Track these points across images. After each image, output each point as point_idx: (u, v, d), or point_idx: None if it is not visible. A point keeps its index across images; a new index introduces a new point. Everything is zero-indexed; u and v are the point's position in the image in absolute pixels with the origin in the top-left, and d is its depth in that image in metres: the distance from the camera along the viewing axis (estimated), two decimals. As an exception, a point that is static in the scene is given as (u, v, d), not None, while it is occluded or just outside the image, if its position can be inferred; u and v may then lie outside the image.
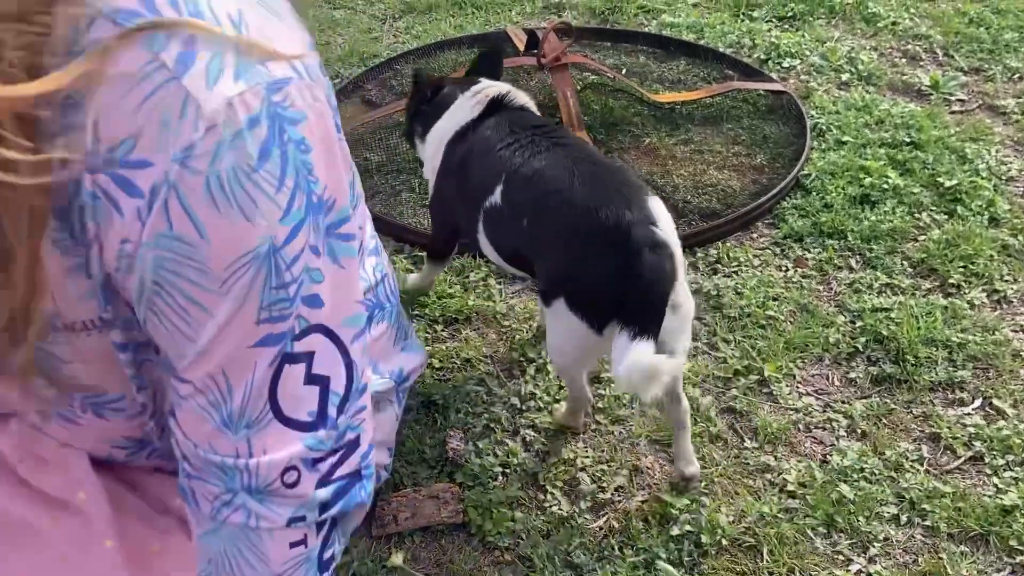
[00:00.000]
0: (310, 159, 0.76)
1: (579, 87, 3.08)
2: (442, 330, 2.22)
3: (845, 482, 1.82)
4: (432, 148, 2.00)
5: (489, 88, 1.96)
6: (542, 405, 2.00)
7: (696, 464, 1.82)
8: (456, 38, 3.51)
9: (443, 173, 1.97)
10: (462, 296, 2.30)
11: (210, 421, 0.82)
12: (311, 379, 0.85)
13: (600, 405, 1.99)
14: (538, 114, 1.98)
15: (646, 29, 3.59)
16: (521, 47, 3.25)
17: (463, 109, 1.94)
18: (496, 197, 1.75)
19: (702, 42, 3.44)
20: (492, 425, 1.96)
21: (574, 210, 1.58)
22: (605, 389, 2.03)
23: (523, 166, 1.71)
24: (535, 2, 3.84)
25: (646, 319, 1.47)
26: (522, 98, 1.96)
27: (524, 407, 2.00)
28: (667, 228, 1.57)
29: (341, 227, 0.84)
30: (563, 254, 1.63)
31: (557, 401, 1.99)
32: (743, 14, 3.64)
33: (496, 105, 1.91)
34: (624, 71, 3.26)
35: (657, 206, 1.60)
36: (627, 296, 1.50)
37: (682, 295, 1.59)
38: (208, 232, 0.71)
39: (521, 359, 2.11)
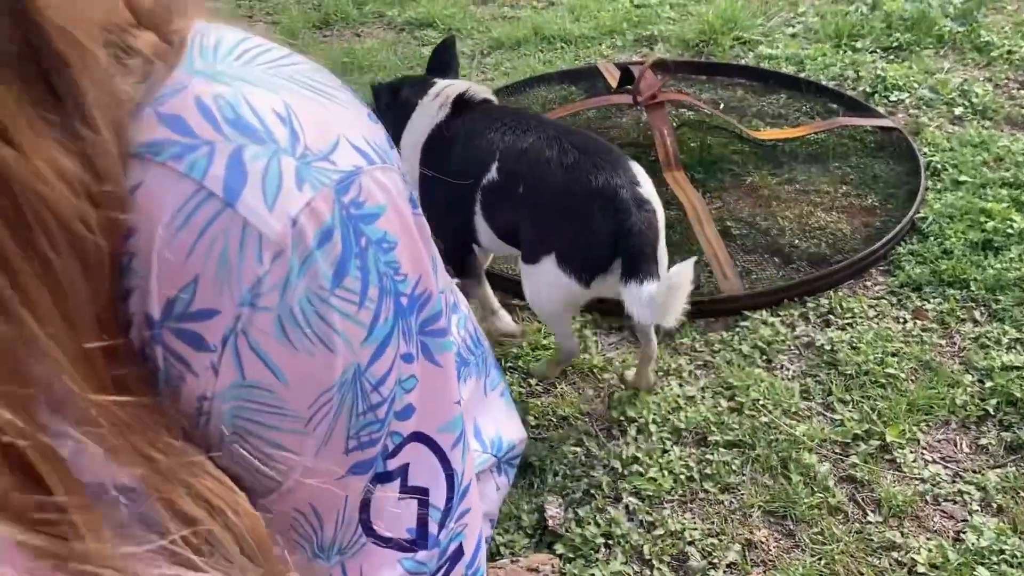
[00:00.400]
0: (395, 256, 0.66)
1: (675, 124, 2.96)
2: (536, 384, 2.12)
3: (983, 564, 1.66)
4: (407, 156, 2.03)
5: (448, 88, 2.05)
6: (644, 470, 1.88)
7: (652, 383, 2.03)
8: (545, 74, 3.44)
9: (425, 177, 1.98)
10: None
11: (300, 552, 0.74)
12: (407, 491, 0.76)
13: (708, 472, 1.86)
14: (499, 103, 2.11)
15: (743, 62, 3.46)
16: (613, 83, 3.16)
17: (429, 112, 2.03)
18: (492, 173, 1.87)
19: (803, 75, 3.30)
20: (592, 491, 1.84)
21: (568, 175, 1.75)
22: (714, 453, 1.90)
23: (516, 141, 1.87)
24: (626, 35, 3.75)
25: (645, 266, 1.67)
26: (483, 92, 2.07)
27: (626, 471, 1.88)
28: (648, 187, 1.77)
29: (435, 323, 0.74)
30: (557, 215, 1.77)
31: (662, 467, 1.87)
32: (845, 44, 3.49)
33: (461, 102, 2.02)
34: (722, 106, 3.13)
35: (638, 169, 1.79)
36: (624, 250, 1.69)
37: (661, 247, 1.76)
38: (285, 374, 0.62)
39: (621, 419, 2.00)
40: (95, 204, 0.54)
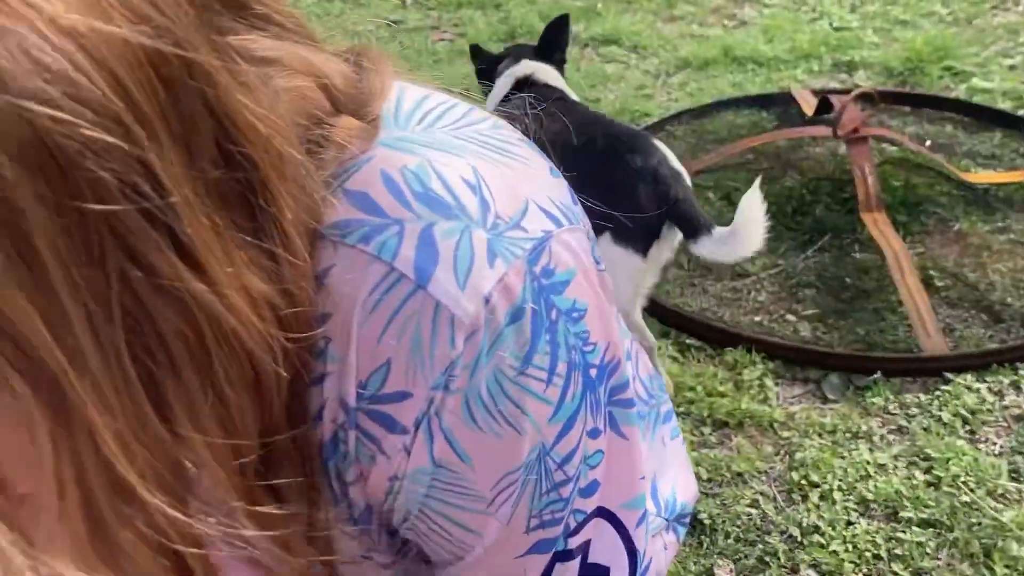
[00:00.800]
0: (584, 325, 0.63)
1: (876, 160, 2.77)
2: (710, 433, 2.00)
3: None
4: None
5: (522, 66, 2.25)
6: (825, 542, 1.73)
7: None
8: (734, 98, 3.30)
9: None
10: (734, 396, 2.07)
11: None
12: (587, 569, 0.73)
13: (897, 552, 1.70)
14: (562, 88, 2.28)
15: (953, 94, 3.21)
16: (808, 111, 2.99)
17: (501, 86, 2.24)
18: None
19: (1021, 112, 3.03)
20: (767, 559, 1.71)
21: (606, 160, 1.89)
22: (906, 531, 1.73)
23: (541, 130, 1.96)
24: (823, 60, 3.55)
25: (702, 221, 1.86)
26: (548, 76, 2.26)
27: (805, 541, 1.74)
28: (674, 159, 1.94)
29: (623, 392, 0.71)
30: (601, 198, 1.87)
31: (845, 540, 1.72)
32: (1072, 80, 3.18)
33: (523, 83, 2.22)
34: (928, 143, 2.91)
35: (661, 144, 1.96)
36: (676, 218, 1.88)
37: None
38: (470, 455, 0.60)
39: (802, 482, 1.85)
40: (283, 328, 0.52)
